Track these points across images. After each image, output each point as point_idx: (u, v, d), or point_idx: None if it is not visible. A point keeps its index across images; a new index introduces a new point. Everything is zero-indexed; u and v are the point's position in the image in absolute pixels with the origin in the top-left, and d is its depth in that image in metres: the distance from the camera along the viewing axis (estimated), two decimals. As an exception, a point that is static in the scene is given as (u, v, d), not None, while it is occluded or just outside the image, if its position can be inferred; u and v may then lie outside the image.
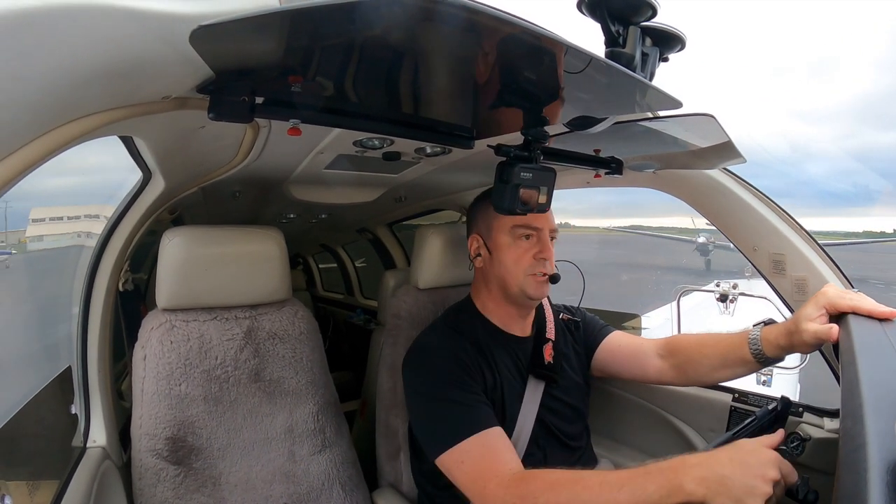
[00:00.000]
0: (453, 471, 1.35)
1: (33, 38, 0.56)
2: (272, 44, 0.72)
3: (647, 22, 0.88)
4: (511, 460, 1.32)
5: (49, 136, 0.73)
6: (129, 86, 0.76)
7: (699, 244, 22.61)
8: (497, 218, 1.56)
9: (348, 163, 1.65)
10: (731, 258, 22.56)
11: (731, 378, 1.53)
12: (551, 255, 1.56)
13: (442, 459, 1.37)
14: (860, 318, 1.21)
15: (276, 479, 1.63)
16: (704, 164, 1.62)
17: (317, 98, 0.98)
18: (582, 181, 2.01)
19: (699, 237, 23.02)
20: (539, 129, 1.17)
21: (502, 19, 0.60)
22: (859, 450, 0.71)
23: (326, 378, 1.83)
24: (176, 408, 1.54)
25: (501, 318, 1.64)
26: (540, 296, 1.58)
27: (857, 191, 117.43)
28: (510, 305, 1.62)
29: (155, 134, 1.12)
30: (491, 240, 1.59)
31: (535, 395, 1.58)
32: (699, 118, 1.16)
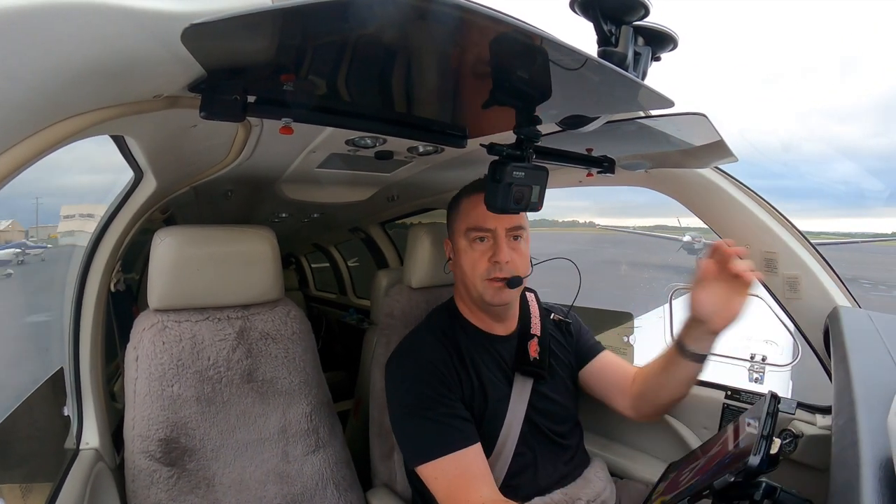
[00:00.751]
0: (429, 483, 1.42)
1: (23, 36, 0.55)
2: (264, 42, 0.72)
3: (640, 21, 0.88)
4: (483, 487, 1.37)
5: (39, 135, 0.73)
6: (121, 84, 0.76)
7: (685, 242, 22.92)
8: (457, 220, 1.56)
9: (341, 162, 1.65)
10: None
11: (679, 392, 1.51)
12: (505, 257, 1.51)
13: (418, 470, 1.43)
14: (851, 314, 1.23)
15: (270, 480, 1.62)
16: (696, 163, 1.63)
17: (309, 97, 0.98)
18: (574, 180, 2.02)
19: (685, 236, 23.36)
20: (531, 128, 1.17)
21: (494, 18, 0.60)
22: (852, 447, 0.72)
23: (319, 378, 1.82)
24: (169, 409, 1.53)
25: (480, 319, 1.64)
26: (499, 302, 1.55)
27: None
28: (480, 310, 1.62)
29: (146, 133, 1.11)
30: (455, 243, 1.59)
31: (522, 393, 1.58)
32: (691, 117, 1.17)
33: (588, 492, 1.55)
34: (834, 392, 1.14)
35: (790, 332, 1.73)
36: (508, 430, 1.54)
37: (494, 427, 1.53)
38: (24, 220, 3.36)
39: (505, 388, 1.57)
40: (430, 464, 1.40)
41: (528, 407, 1.57)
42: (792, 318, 1.67)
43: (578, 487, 1.56)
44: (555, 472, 1.57)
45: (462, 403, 1.49)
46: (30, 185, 0.73)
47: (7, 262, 5.33)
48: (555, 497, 1.52)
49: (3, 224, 3.57)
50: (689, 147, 1.43)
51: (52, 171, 1.39)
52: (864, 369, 1.06)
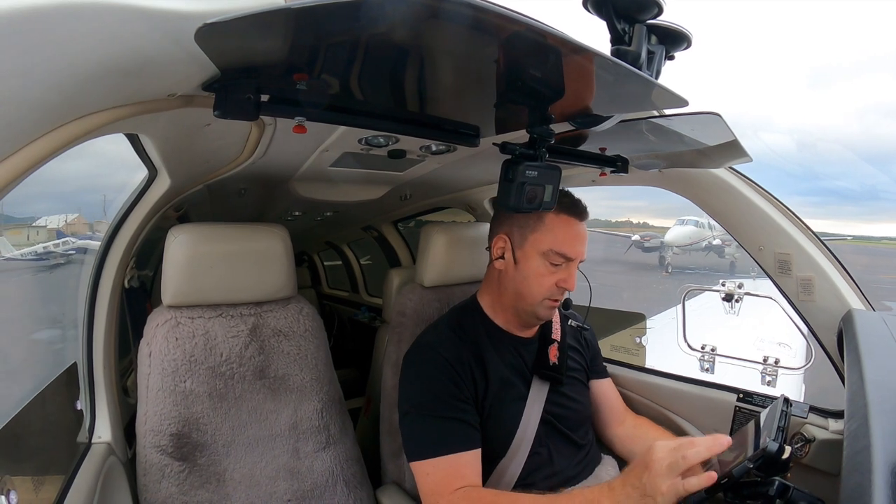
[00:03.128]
0: (418, 478, 1.45)
1: (39, 35, 0.56)
2: (277, 41, 0.72)
3: (653, 20, 0.88)
4: (469, 482, 1.41)
5: (55, 133, 0.73)
6: (135, 83, 0.76)
7: (635, 241, 23.91)
8: (538, 231, 1.53)
9: (354, 160, 1.65)
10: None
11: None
12: (573, 286, 1.54)
13: (413, 465, 1.46)
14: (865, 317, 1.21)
15: (281, 476, 1.64)
16: (710, 163, 1.61)
17: (322, 96, 0.98)
18: (587, 180, 2.01)
19: (634, 235, 24.28)
20: (544, 127, 1.16)
21: (508, 17, 0.60)
22: (864, 451, 0.71)
23: (331, 375, 1.83)
24: (181, 404, 1.54)
25: (506, 320, 1.65)
26: (548, 318, 1.62)
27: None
28: (516, 316, 1.62)
29: (160, 131, 1.12)
30: (522, 251, 1.56)
31: (539, 395, 1.59)
32: (705, 117, 1.16)
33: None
34: (846, 396, 1.12)
35: (803, 335, 1.72)
36: (525, 430, 1.55)
37: (511, 426, 1.54)
38: (90, 215, 3.49)
39: (523, 389, 1.59)
40: (425, 461, 1.43)
41: (545, 408, 1.59)
42: (805, 320, 1.65)
43: (589, 485, 1.56)
44: (569, 469, 1.59)
45: (473, 405, 1.50)
46: (94, 180, 0.75)
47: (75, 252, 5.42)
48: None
49: (70, 217, 3.71)
50: (703, 147, 1.42)
51: (119, 168, 1.42)
52: (877, 373, 1.05)
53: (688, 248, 23.32)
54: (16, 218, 2.90)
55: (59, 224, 2.98)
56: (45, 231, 3.08)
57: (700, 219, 22.19)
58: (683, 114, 1.15)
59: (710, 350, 1.95)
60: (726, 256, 23.04)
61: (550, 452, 1.57)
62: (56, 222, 2.99)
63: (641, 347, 2.33)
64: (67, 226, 3.02)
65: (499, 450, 1.53)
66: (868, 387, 0.99)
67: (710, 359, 1.95)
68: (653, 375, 2.04)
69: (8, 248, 3.23)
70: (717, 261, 23.36)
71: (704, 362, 1.95)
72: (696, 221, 22.49)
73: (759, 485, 1.05)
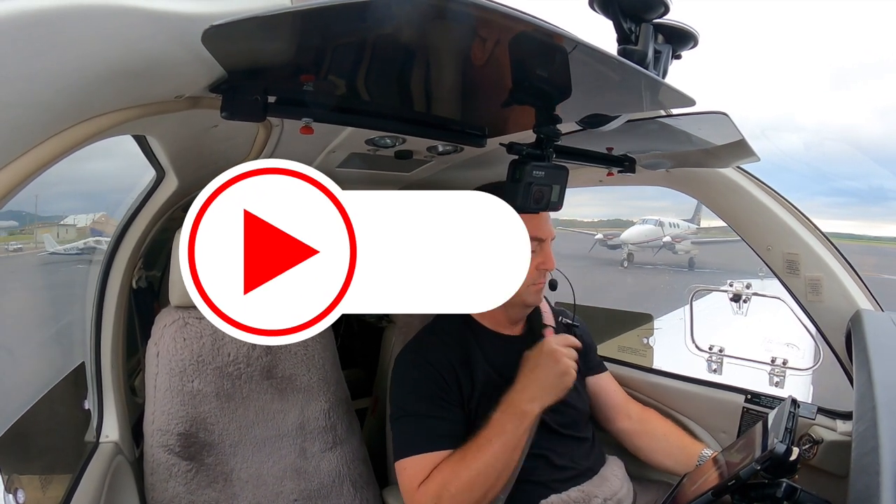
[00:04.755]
0: (399, 477, 1.50)
1: (47, 38, 0.56)
2: (284, 43, 0.72)
3: (660, 19, 0.87)
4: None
5: (63, 135, 0.74)
6: (143, 85, 0.77)
7: (598, 239, 24.82)
8: None
9: (361, 161, 1.65)
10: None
11: (668, 466, 1.68)
12: (554, 265, 1.56)
13: (396, 465, 1.50)
14: (874, 318, 1.20)
15: (287, 476, 1.64)
16: (718, 163, 1.61)
17: (329, 97, 0.99)
18: (594, 179, 2.00)
19: (597, 234, 25.05)
20: (551, 127, 1.16)
21: (514, 17, 0.60)
22: (872, 452, 0.70)
23: (338, 375, 1.83)
24: (188, 404, 1.55)
25: (493, 319, 1.66)
26: (537, 303, 1.63)
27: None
28: (503, 310, 1.62)
29: (168, 133, 1.13)
30: None
31: None
32: (712, 116, 1.16)
33: (605, 490, 1.54)
34: (855, 397, 1.12)
35: (811, 336, 1.71)
36: None
37: None
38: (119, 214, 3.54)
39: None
40: (405, 459, 1.47)
41: None
42: (814, 320, 1.65)
43: (595, 485, 1.55)
44: (573, 465, 1.58)
45: (460, 407, 1.51)
46: (122, 181, 0.76)
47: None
48: (571, 494, 1.52)
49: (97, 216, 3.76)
50: (711, 146, 1.41)
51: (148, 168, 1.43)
52: (886, 374, 1.05)
53: (644, 245, 24.23)
54: (41, 217, 2.97)
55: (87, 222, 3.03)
56: (73, 229, 3.16)
57: (661, 219, 23.69)
58: (690, 113, 1.14)
59: (719, 351, 1.94)
60: (679, 253, 24.13)
61: (548, 450, 1.56)
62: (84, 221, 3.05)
63: (649, 348, 2.32)
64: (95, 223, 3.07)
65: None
66: (877, 388, 0.98)
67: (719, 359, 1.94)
68: (660, 376, 2.03)
69: (52, 244, 3.33)
70: (678, 258, 24.24)
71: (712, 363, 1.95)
72: (657, 221, 23.83)
73: (766, 486, 1.05)
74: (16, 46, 0.55)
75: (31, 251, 3.31)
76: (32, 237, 3.30)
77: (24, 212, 2.89)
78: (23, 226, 3.18)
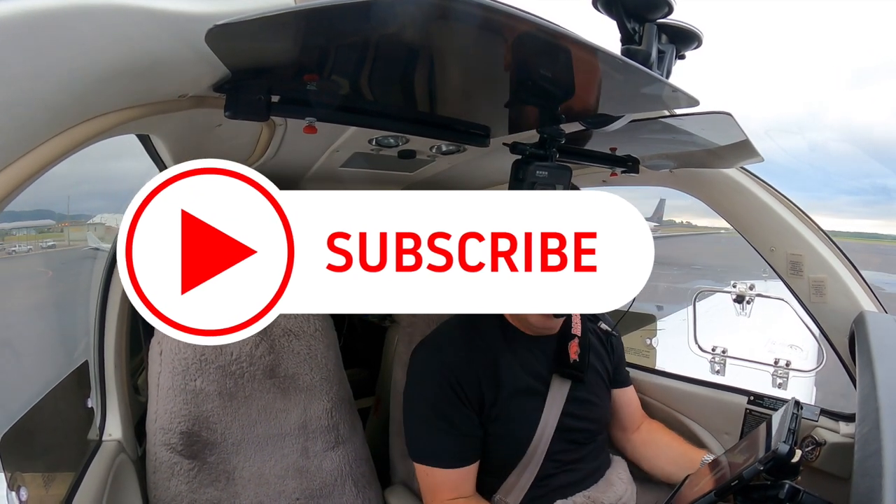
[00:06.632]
0: (418, 474, 1.55)
1: (51, 36, 0.56)
2: (288, 43, 0.72)
3: (663, 19, 0.87)
4: (461, 493, 1.49)
5: (66, 134, 0.74)
6: (146, 84, 0.77)
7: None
8: None
9: (364, 161, 1.65)
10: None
11: (670, 473, 1.67)
12: None
13: (414, 461, 1.53)
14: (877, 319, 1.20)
15: (290, 475, 1.64)
16: (721, 163, 1.60)
17: (332, 96, 0.99)
18: (598, 180, 2.00)
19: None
20: (555, 127, 1.16)
21: (518, 17, 0.60)
22: (875, 455, 0.70)
23: (341, 375, 1.83)
24: (191, 403, 1.55)
25: (520, 319, 1.61)
26: (544, 329, 1.59)
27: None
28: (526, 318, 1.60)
29: (172, 132, 1.13)
30: None
31: (559, 394, 1.56)
32: (716, 116, 1.15)
33: (610, 495, 1.54)
34: (858, 399, 1.11)
35: (815, 337, 1.70)
36: (542, 433, 1.52)
37: (527, 429, 1.52)
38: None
39: (541, 389, 1.56)
40: (422, 466, 1.50)
41: (564, 409, 1.56)
42: (817, 322, 1.64)
43: (600, 490, 1.55)
44: (580, 471, 1.58)
45: (476, 412, 1.49)
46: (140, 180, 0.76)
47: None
48: (577, 500, 1.52)
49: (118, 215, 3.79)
50: (715, 147, 1.41)
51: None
52: (890, 376, 1.04)
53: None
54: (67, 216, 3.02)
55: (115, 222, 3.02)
56: (102, 227, 3.18)
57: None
58: (694, 113, 1.14)
59: (722, 352, 1.94)
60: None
61: (566, 456, 1.55)
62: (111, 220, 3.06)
63: (651, 349, 2.31)
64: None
65: (511, 458, 1.51)
66: (880, 390, 0.98)
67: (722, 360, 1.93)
68: (663, 377, 2.03)
69: (94, 241, 3.40)
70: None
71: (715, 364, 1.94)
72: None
73: (769, 488, 1.04)
74: (20, 45, 0.55)
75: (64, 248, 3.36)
76: (64, 235, 3.36)
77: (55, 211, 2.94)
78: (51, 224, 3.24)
